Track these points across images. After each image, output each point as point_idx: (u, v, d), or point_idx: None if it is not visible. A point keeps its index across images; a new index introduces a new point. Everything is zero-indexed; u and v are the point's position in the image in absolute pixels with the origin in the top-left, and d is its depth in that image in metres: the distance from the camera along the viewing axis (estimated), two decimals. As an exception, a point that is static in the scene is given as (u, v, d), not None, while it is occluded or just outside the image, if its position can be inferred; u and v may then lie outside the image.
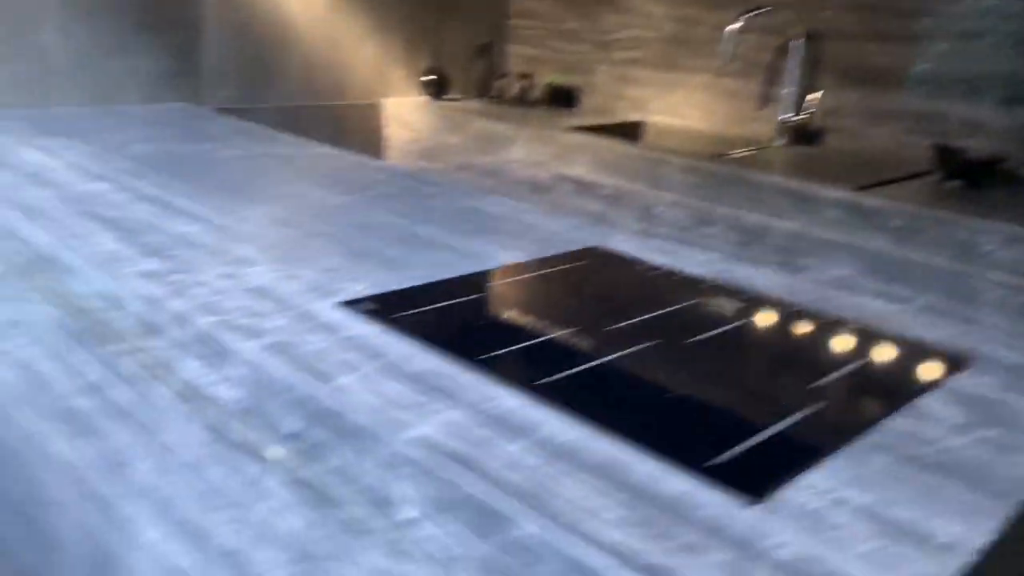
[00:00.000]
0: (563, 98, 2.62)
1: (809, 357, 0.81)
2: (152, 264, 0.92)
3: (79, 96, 1.86)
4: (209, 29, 2.06)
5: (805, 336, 0.86)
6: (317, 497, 0.71)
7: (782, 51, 2.20)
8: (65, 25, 1.81)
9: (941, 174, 1.85)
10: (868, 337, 0.86)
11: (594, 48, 2.62)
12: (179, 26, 2.00)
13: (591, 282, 0.97)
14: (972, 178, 1.81)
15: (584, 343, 0.79)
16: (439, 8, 2.60)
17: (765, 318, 0.90)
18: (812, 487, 0.59)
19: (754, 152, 2.10)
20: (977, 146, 1.91)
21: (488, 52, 2.60)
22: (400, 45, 2.50)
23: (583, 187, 2.06)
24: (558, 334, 0.81)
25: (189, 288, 0.86)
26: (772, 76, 2.21)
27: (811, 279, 1.70)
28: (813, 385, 0.74)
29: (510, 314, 0.85)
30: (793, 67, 2.14)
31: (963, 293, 1.52)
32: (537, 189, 2.16)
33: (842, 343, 0.85)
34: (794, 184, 1.72)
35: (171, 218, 1.09)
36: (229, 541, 0.84)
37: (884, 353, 0.83)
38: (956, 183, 1.83)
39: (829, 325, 0.89)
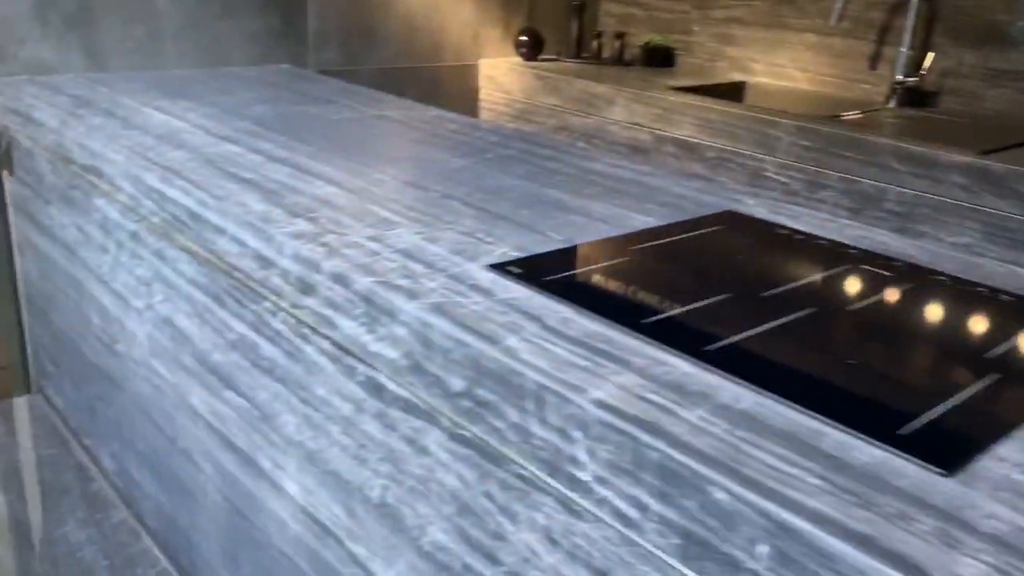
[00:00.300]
0: (660, 58, 2.58)
1: (976, 326, 0.79)
2: (300, 225, 0.95)
3: (191, 59, 1.90)
4: (314, -9, 2.07)
5: (967, 304, 0.84)
6: (483, 455, 0.73)
7: (895, 9, 2.12)
8: (179, -12, 1.85)
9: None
10: (1031, 307, 0.84)
11: (692, 6, 2.56)
12: (285, -12, 2.02)
13: (733, 247, 0.96)
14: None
15: (742, 309, 0.79)
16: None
17: (922, 285, 0.88)
18: (1005, 459, 0.58)
19: (867, 114, 2.04)
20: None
21: (582, 12, 2.56)
22: (496, 4, 2.49)
23: (687, 149, 2.03)
24: (714, 300, 0.80)
25: (341, 249, 0.88)
26: (883, 35, 2.13)
27: (943, 245, 1.64)
28: (988, 355, 0.72)
29: (659, 279, 0.85)
30: (908, 26, 2.05)
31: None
32: (639, 151, 2.13)
33: (1006, 311, 0.82)
34: (911, 148, 1.66)
35: (306, 180, 1.12)
36: (383, 495, 0.87)
37: (1052, 324, 0.80)
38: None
39: (987, 293, 0.87)
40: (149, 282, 1.25)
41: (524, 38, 2.52)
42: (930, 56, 2.04)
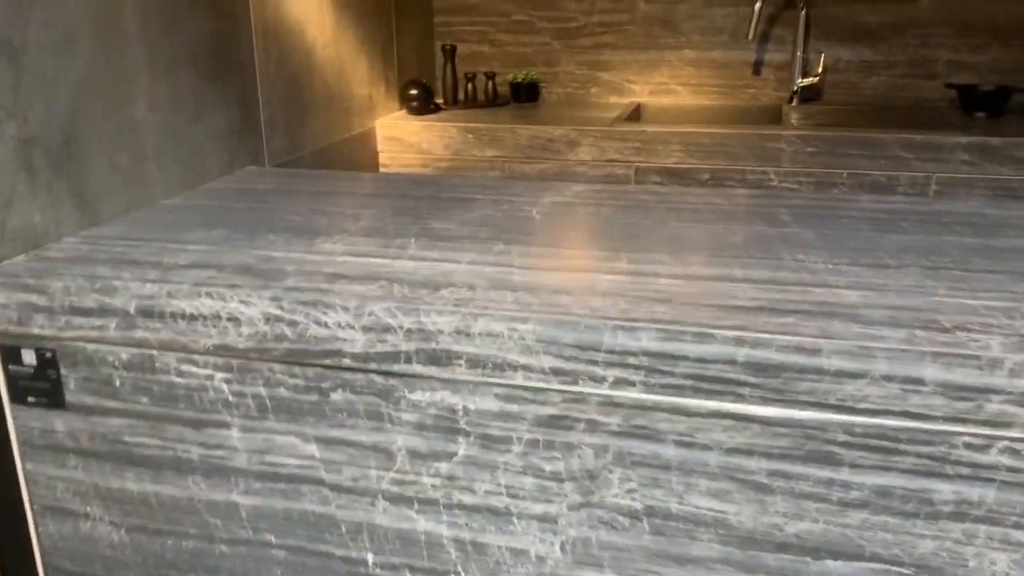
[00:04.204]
0: (525, 93, 2.52)
1: None
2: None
3: (174, 179, 1.39)
4: (260, 74, 1.64)
5: None
6: None
7: (771, 18, 2.36)
8: (153, 90, 1.33)
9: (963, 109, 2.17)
10: None
11: (552, 37, 2.54)
12: (238, 71, 1.57)
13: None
14: (992, 108, 2.15)
15: None
16: (399, 17, 2.32)
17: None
18: None
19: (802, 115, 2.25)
20: (972, 81, 2.26)
21: (454, 56, 2.39)
22: (376, 60, 2.20)
23: (683, 176, 2.04)
24: None
25: None
26: (764, 43, 2.37)
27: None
28: None
29: None
30: (799, 33, 2.31)
31: None
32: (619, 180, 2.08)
33: None
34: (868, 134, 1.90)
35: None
36: None
37: None
38: (981, 114, 2.15)
39: None
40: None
41: (413, 91, 2.27)
42: (823, 58, 2.33)
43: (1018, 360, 0.77)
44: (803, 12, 2.29)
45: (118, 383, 1.02)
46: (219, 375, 0.98)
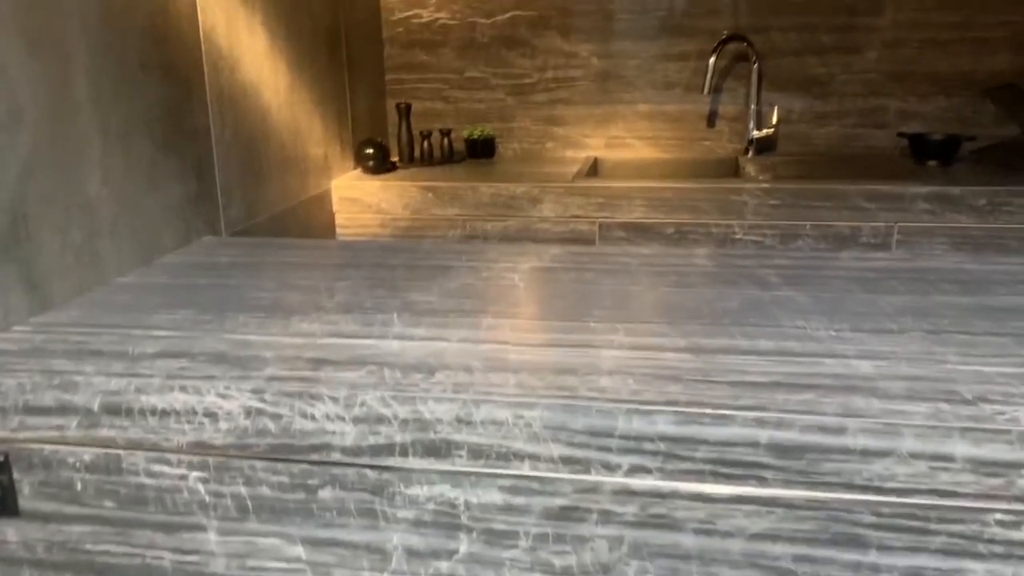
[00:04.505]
0: (481, 149, 2.50)
1: None
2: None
3: (128, 255, 1.31)
4: (216, 139, 1.58)
5: None
6: None
7: (725, 71, 2.39)
8: (105, 162, 1.26)
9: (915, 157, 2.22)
10: None
11: (507, 93, 2.53)
12: (193, 138, 1.50)
13: None
14: (943, 157, 2.20)
15: None
16: (352, 76, 2.28)
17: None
18: None
19: (758, 167, 2.26)
20: (921, 130, 2.31)
21: (408, 113, 2.36)
22: (331, 120, 2.15)
23: (647, 231, 2.03)
24: None
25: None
26: (718, 95, 2.39)
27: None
28: None
29: None
30: (753, 86, 2.33)
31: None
32: (583, 239, 2.05)
33: None
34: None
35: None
36: None
37: None
38: (932, 162, 2.20)
39: None
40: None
41: (369, 150, 2.22)
42: (776, 110, 2.35)
43: (1049, 433, 0.74)
44: (755, 65, 2.32)
45: (79, 487, 0.93)
46: (194, 474, 0.90)
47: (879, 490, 0.78)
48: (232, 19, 1.63)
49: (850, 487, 0.78)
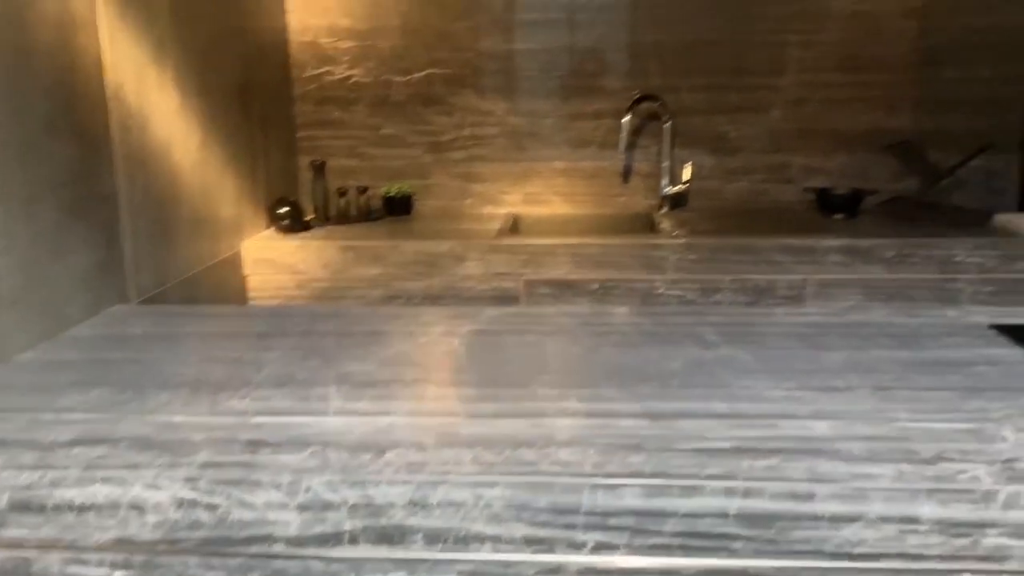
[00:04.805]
0: (399, 206, 2.46)
1: None
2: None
3: (32, 329, 1.21)
4: (125, 203, 1.49)
5: None
6: None
7: (638, 129, 2.44)
8: (8, 229, 1.17)
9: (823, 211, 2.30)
10: None
11: (424, 151, 2.50)
12: (102, 202, 1.41)
13: None
14: (848, 210, 2.29)
15: None
16: (265, 134, 2.22)
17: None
18: None
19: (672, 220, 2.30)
20: (821, 184, 2.40)
21: (323, 170, 2.30)
22: (244, 178, 2.08)
23: (572, 287, 2.02)
24: None
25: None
26: (632, 152, 2.44)
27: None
28: None
29: None
30: (665, 144, 2.38)
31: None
32: (532, 302, 2.03)
33: None
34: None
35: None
36: None
37: None
38: (838, 216, 2.29)
39: None
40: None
41: (283, 209, 2.15)
42: (689, 167, 2.41)
43: (1010, 491, 0.75)
44: (667, 124, 2.38)
45: (-19, 596, 0.83)
46: (118, 573, 0.82)
47: (849, 556, 0.76)
48: (142, 76, 1.56)
49: (820, 554, 0.77)
